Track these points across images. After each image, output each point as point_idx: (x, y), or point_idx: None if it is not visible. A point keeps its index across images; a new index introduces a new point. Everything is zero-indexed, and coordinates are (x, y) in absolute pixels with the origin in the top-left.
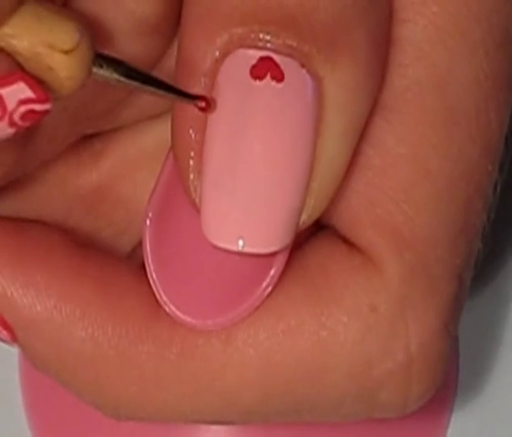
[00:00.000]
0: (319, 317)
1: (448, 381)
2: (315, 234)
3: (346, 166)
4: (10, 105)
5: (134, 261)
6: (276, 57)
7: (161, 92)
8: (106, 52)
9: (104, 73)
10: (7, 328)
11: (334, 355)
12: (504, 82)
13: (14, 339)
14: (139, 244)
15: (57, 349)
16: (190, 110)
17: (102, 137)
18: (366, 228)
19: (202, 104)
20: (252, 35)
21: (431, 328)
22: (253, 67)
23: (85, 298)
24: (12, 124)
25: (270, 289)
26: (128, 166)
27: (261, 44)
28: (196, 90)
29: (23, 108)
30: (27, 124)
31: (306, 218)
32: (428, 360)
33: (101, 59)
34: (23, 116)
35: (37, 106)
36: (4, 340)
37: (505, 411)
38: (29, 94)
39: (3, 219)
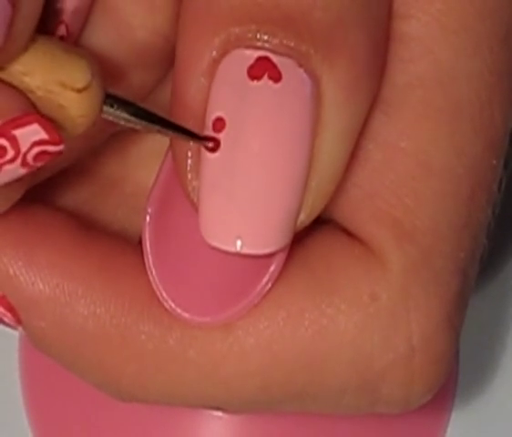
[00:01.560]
0: (319, 306)
1: (448, 379)
2: (316, 226)
3: (344, 165)
4: (24, 146)
5: (140, 243)
6: (273, 57)
7: (170, 132)
8: (116, 92)
9: (114, 112)
10: (11, 309)
11: (335, 344)
12: (507, 77)
13: (18, 321)
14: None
15: (60, 327)
16: None
17: None
18: (367, 220)
19: (210, 144)
20: (250, 35)
21: (434, 320)
22: (251, 67)
23: (88, 276)
24: (24, 164)
25: (269, 286)
26: (131, 164)
27: (258, 44)
28: (193, 90)
29: (36, 149)
30: (39, 164)
31: (304, 217)
32: (431, 354)
33: (111, 99)
34: (35, 157)
35: (50, 148)
36: (8, 324)
37: (505, 410)
38: (43, 136)
39: None
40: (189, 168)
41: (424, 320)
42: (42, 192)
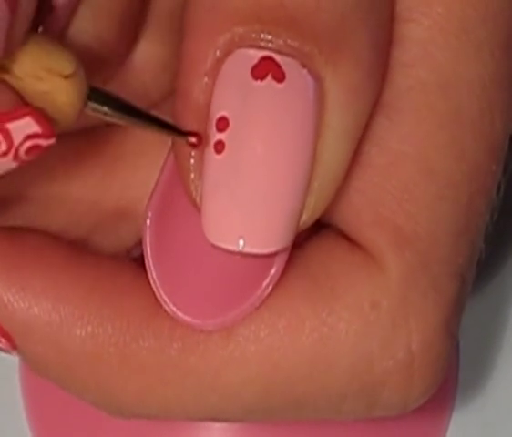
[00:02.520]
0: (320, 313)
1: (449, 380)
2: (317, 231)
3: (347, 166)
4: (17, 139)
5: (132, 258)
6: (277, 57)
7: (155, 128)
8: (101, 87)
9: (97, 106)
10: (5, 335)
11: (335, 352)
12: (508, 82)
13: (13, 346)
14: (139, 241)
15: (57, 351)
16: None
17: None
18: (368, 226)
19: (193, 140)
20: (254, 35)
21: (432, 326)
22: (254, 67)
23: (83, 297)
24: (16, 158)
25: (270, 288)
26: (120, 162)
27: (262, 44)
28: (197, 90)
29: (28, 143)
30: (31, 158)
31: (306, 218)
32: (429, 359)
33: (96, 93)
34: (27, 151)
35: (42, 141)
36: (3, 349)
37: (505, 410)
38: (36, 129)
39: None
40: (191, 168)
41: (422, 327)
42: (20, 219)
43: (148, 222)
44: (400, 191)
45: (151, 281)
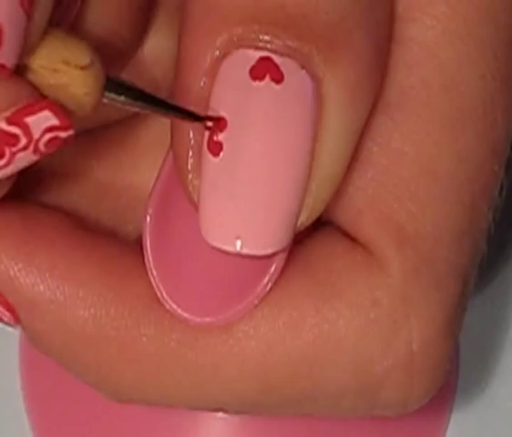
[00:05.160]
0: (321, 310)
1: (449, 380)
2: (318, 229)
3: (345, 167)
4: (36, 133)
5: (139, 245)
6: (276, 58)
7: (172, 113)
8: (117, 76)
9: (115, 96)
10: (10, 309)
11: (335, 349)
12: (511, 83)
13: (16, 320)
14: (139, 238)
15: (60, 329)
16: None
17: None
18: (369, 224)
19: (210, 124)
20: (252, 36)
21: (434, 326)
22: (253, 68)
23: (88, 278)
24: (36, 152)
25: (269, 286)
26: (129, 154)
27: (260, 44)
28: (196, 90)
29: (47, 136)
30: (50, 151)
31: (304, 219)
32: (430, 359)
33: (113, 83)
34: (47, 144)
35: (61, 133)
36: (6, 323)
37: (505, 410)
38: (54, 121)
39: (7, 201)
40: (189, 168)
41: (424, 326)
42: (35, 193)
43: (148, 219)
44: (401, 190)
45: (151, 278)
